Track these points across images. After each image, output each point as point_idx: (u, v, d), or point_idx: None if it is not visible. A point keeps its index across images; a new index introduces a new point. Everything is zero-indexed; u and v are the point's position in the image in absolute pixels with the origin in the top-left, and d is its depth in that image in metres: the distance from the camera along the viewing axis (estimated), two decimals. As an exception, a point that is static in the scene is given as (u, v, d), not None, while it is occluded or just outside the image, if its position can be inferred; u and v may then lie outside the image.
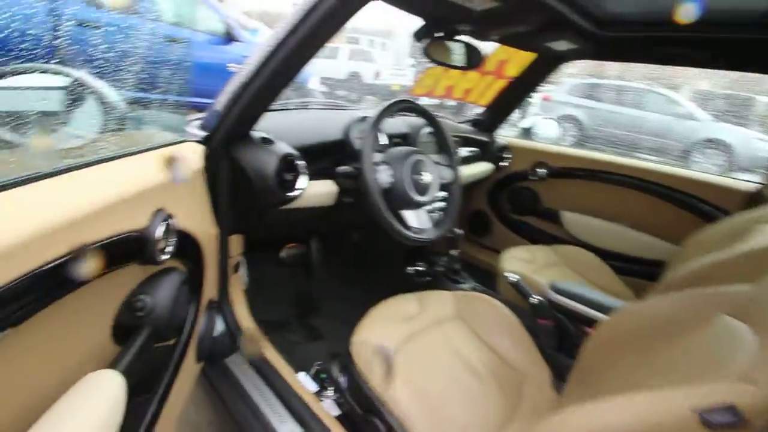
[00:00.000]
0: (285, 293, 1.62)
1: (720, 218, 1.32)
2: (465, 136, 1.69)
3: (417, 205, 1.05)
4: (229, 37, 4.07)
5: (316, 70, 5.54)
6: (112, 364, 0.58)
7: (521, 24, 1.05)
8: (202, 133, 0.96)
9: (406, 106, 1.04)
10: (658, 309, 0.73)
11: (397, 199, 1.01)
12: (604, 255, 1.60)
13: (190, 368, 0.95)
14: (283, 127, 1.13)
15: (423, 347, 0.99)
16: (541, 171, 1.82)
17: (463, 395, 0.90)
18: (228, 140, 0.96)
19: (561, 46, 1.29)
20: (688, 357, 0.58)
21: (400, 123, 1.37)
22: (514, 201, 1.98)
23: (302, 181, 0.97)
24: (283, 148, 0.97)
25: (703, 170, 1.71)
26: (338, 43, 10.19)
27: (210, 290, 1.01)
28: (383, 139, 1.16)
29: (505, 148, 1.88)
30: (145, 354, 0.66)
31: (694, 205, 1.50)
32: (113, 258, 0.59)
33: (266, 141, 0.98)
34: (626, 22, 1.10)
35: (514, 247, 1.60)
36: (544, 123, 1.82)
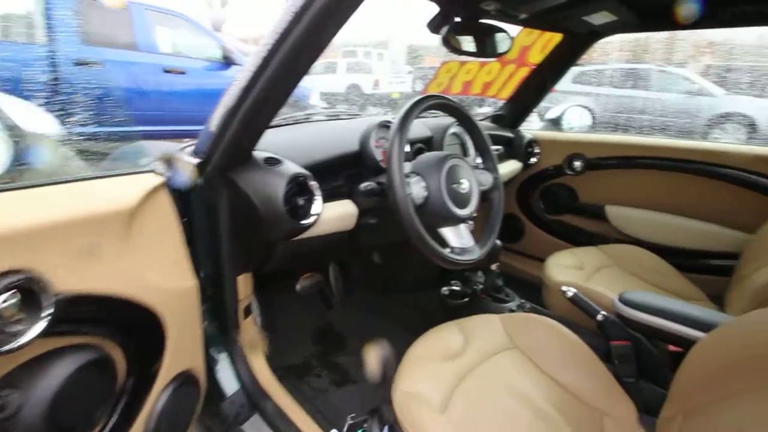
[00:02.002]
0: (303, 330, 1.45)
1: None
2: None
3: (457, 221, 0.88)
4: (227, 62, 4.06)
5: (316, 86, 5.47)
6: None
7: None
8: (194, 160, 0.81)
9: (434, 103, 0.88)
10: None
11: (434, 215, 0.84)
12: (661, 251, 1.41)
13: None
14: (288, 144, 0.98)
15: (478, 391, 0.82)
16: (577, 164, 1.63)
17: None
18: (226, 165, 0.81)
19: (598, 19, 1.12)
20: None
21: (419, 126, 1.21)
22: (548, 200, 1.79)
23: (317, 206, 0.81)
24: (292, 167, 0.81)
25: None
26: (335, 58, 10.20)
27: (181, 360, 0.80)
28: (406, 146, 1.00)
29: (532, 142, 1.70)
30: None
31: (766, 186, 1.29)
32: None
33: (271, 161, 0.82)
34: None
35: (557, 252, 1.41)
36: (575, 111, 1.65)
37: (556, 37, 1.44)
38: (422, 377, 0.82)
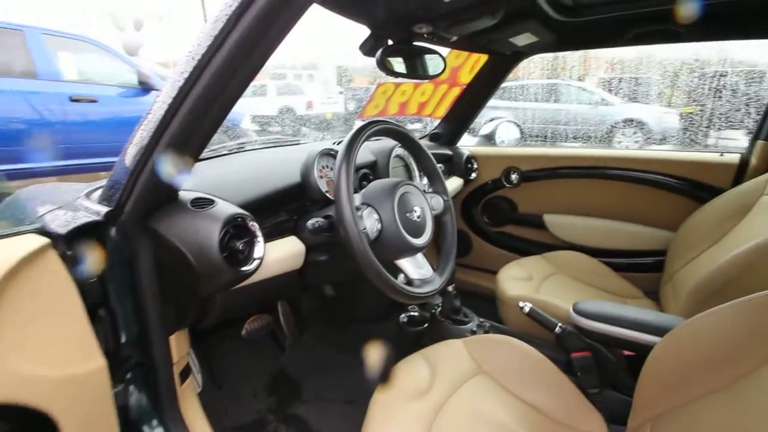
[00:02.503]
0: (254, 381, 1.31)
1: (712, 196, 1.25)
2: None
3: (414, 251, 0.84)
4: (145, 87, 3.79)
5: (247, 109, 5.26)
6: None
7: (485, 16, 0.90)
8: (102, 209, 0.69)
9: (378, 129, 0.84)
10: (731, 321, 0.58)
11: (390, 248, 0.79)
12: (596, 254, 1.49)
13: None
14: (220, 179, 0.88)
15: (452, 426, 0.78)
16: (514, 176, 1.70)
17: None
18: (144, 211, 0.70)
19: (522, 40, 1.18)
20: None
21: (363, 151, 1.17)
22: (491, 212, 1.84)
23: (259, 249, 0.73)
24: (227, 208, 0.72)
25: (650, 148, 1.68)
26: (264, 80, 9.99)
27: None
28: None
29: (471, 158, 1.74)
30: None
31: (682, 188, 1.43)
32: None
33: (201, 203, 0.72)
34: (595, 5, 1.00)
35: (506, 265, 1.44)
36: (505, 126, 1.74)
37: (482, 58, 1.50)
38: (394, 423, 0.76)
